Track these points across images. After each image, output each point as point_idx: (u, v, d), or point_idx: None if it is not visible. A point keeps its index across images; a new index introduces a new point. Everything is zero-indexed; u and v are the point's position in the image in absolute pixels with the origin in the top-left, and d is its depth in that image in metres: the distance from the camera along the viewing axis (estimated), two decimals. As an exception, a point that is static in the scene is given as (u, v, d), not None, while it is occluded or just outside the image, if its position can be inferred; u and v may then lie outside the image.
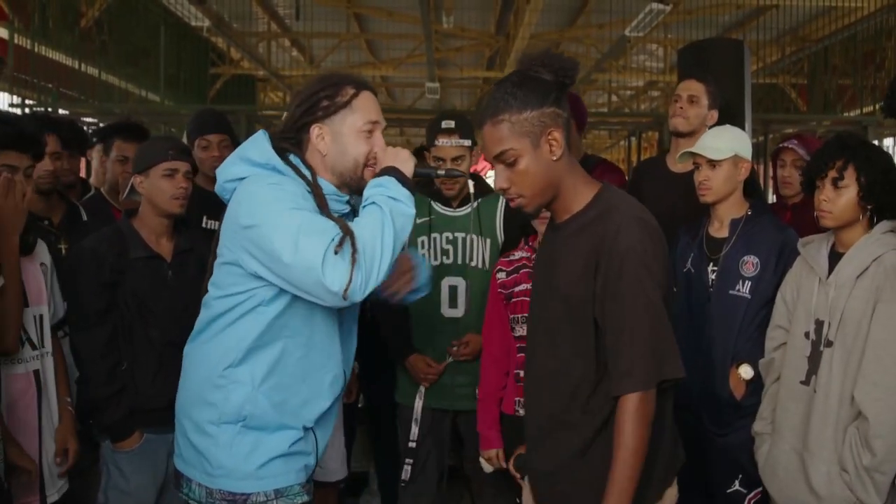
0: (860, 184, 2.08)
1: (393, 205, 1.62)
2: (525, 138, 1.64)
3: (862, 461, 2.00)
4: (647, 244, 1.62)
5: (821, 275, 2.17)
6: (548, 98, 1.64)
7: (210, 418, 1.72)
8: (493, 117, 1.65)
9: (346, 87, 1.75)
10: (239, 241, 1.65)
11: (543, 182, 1.67)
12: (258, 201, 1.62)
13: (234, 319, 1.71)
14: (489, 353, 2.53)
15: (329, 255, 1.52)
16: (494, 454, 2.51)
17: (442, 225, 2.79)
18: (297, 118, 1.75)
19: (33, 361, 2.21)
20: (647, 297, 1.59)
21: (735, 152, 2.42)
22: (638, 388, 1.58)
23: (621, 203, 1.69)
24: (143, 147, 2.51)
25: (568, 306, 1.69)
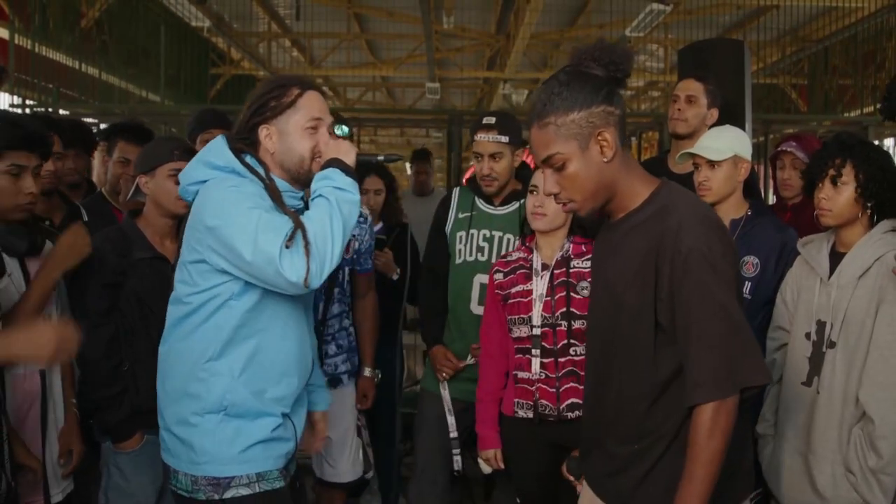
0: (858, 181, 2.09)
1: (339, 194, 1.73)
2: (573, 141, 1.57)
3: (867, 463, 2.00)
4: (713, 242, 1.53)
5: (822, 275, 2.17)
6: (597, 96, 1.56)
7: (194, 409, 1.80)
8: (539, 120, 1.59)
9: (291, 88, 1.85)
10: (205, 240, 1.74)
11: (595, 185, 1.60)
12: (220, 203, 1.73)
13: (209, 314, 1.79)
14: (488, 353, 2.53)
15: (284, 250, 1.63)
16: (493, 454, 2.50)
17: (482, 222, 2.83)
18: (248, 119, 1.86)
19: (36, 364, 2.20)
20: (715, 299, 1.51)
21: (735, 153, 2.42)
22: (710, 398, 1.50)
23: (681, 200, 1.61)
24: (149, 147, 2.51)
25: (624, 308, 1.62)
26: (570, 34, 10.45)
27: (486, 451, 2.51)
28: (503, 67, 10.55)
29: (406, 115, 10.63)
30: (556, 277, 2.36)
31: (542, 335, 2.35)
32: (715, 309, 1.50)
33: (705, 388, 1.50)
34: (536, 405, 2.35)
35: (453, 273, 2.86)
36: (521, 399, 2.40)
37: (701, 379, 1.50)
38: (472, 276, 2.79)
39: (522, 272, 2.43)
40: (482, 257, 2.80)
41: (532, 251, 2.45)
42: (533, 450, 2.42)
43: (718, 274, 1.51)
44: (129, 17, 8.97)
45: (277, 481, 1.85)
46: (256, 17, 10.36)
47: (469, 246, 2.82)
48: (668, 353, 1.57)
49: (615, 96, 1.59)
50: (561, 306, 2.33)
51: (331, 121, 1.90)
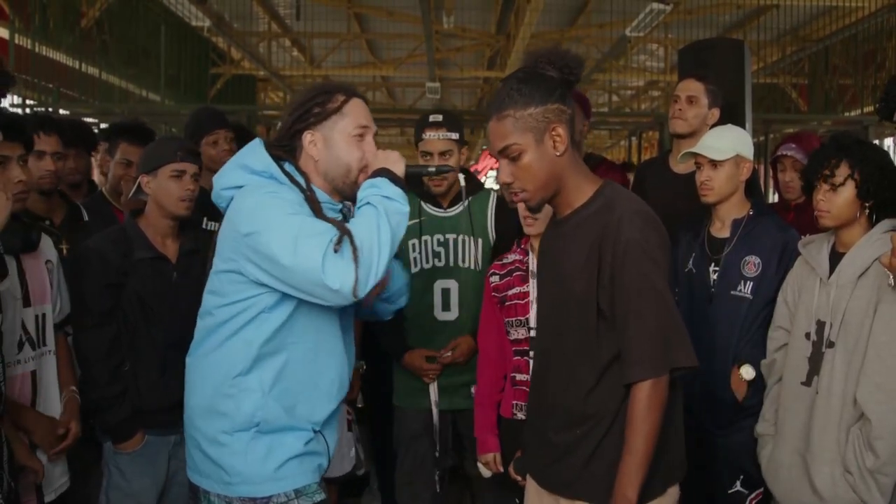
0: (856, 181, 2.09)
1: (387, 203, 1.65)
2: (529, 133, 1.68)
3: (865, 463, 2.00)
4: (650, 235, 1.66)
5: (822, 275, 2.17)
6: (552, 94, 1.68)
7: (223, 428, 1.72)
8: (497, 113, 1.70)
9: (336, 95, 1.79)
10: (239, 249, 1.67)
11: (546, 177, 1.71)
12: (257, 209, 1.65)
13: (239, 327, 1.71)
14: (485, 356, 2.52)
15: (329, 255, 1.55)
16: (492, 458, 2.49)
17: (433, 227, 2.75)
18: (290, 126, 1.80)
19: (31, 363, 2.19)
20: (652, 285, 1.64)
21: (737, 152, 2.42)
22: (648, 375, 1.62)
23: (622, 197, 1.73)
24: (152, 147, 2.51)
25: (571, 298, 1.73)
26: (570, 34, 10.44)
27: (486, 454, 2.50)
28: (503, 67, 10.54)
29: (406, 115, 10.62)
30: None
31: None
32: (651, 294, 1.64)
33: (642, 366, 1.63)
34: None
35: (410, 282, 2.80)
36: (519, 401, 2.40)
37: (638, 358, 1.63)
38: (432, 283, 2.73)
39: (519, 274, 2.43)
40: (439, 262, 2.73)
41: (528, 253, 2.44)
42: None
43: (654, 263, 1.65)
44: (129, 16, 8.97)
45: (318, 494, 1.77)
46: (256, 16, 10.36)
47: (424, 253, 2.74)
48: (608, 338, 1.69)
49: (567, 97, 1.72)
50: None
51: (376, 130, 1.84)
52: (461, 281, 2.73)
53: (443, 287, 2.73)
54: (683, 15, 9.06)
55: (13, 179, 2.10)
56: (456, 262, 2.74)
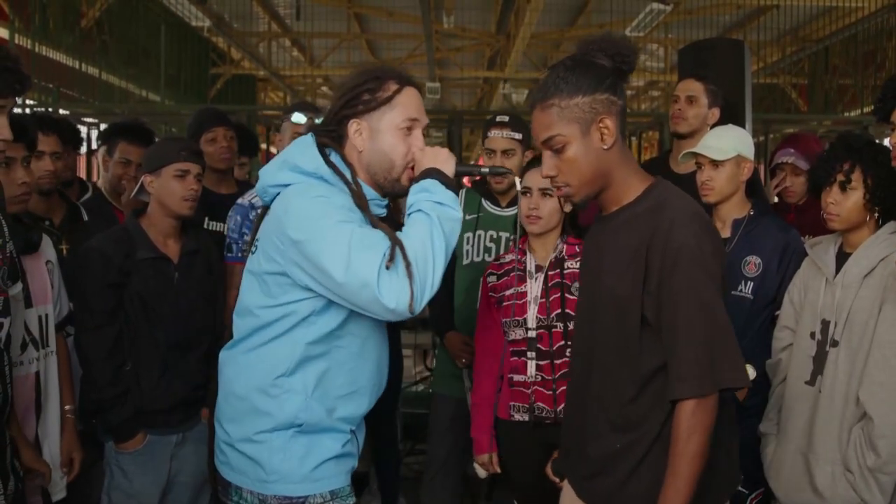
0: (867, 186, 2.08)
1: (440, 210, 1.57)
2: (574, 124, 1.57)
3: (866, 462, 2.00)
4: (704, 241, 1.54)
5: (828, 275, 2.17)
6: (602, 84, 1.57)
7: (263, 427, 1.67)
8: (542, 101, 1.59)
9: (389, 82, 1.68)
10: (287, 253, 1.59)
11: (592, 171, 1.60)
12: (307, 216, 1.57)
13: (287, 329, 1.64)
14: (482, 357, 2.51)
15: (383, 272, 1.47)
16: (488, 458, 2.49)
17: (488, 223, 2.86)
18: (338, 111, 1.69)
19: (35, 363, 2.19)
20: (701, 297, 1.51)
21: (738, 152, 2.42)
22: (692, 394, 1.50)
23: (675, 197, 1.61)
24: (155, 147, 2.51)
25: (613, 300, 1.62)
26: (570, 34, 10.45)
27: (482, 455, 2.50)
28: (503, 67, 10.55)
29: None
30: (551, 279, 2.35)
31: (537, 337, 2.34)
32: (700, 306, 1.52)
33: (687, 383, 1.51)
34: (533, 408, 2.34)
35: (461, 273, 2.87)
36: (516, 402, 2.39)
37: (684, 374, 1.51)
38: (479, 277, 2.78)
39: (516, 274, 2.42)
40: (489, 258, 2.82)
41: (526, 253, 2.44)
42: (529, 452, 2.41)
43: (707, 272, 1.52)
44: (129, 17, 8.97)
45: (350, 498, 1.73)
46: (256, 16, 10.36)
47: (476, 247, 2.85)
48: (651, 349, 1.58)
49: (618, 87, 1.60)
50: (556, 308, 2.32)
51: (426, 122, 1.75)
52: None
53: None
54: (683, 15, 9.07)
55: (17, 181, 2.11)
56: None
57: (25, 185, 2.13)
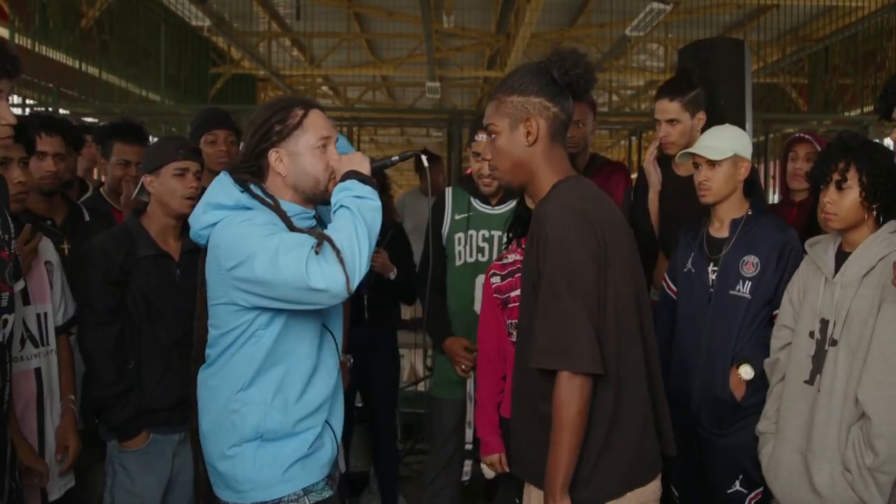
0: (863, 184, 2.08)
1: (359, 203, 1.74)
2: (506, 118, 1.78)
3: (865, 461, 2.00)
4: (568, 231, 1.67)
5: (827, 274, 2.17)
6: (541, 90, 1.76)
7: (231, 441, 1.79)
8: (493, 94, 1.83)
9: (294, 109, 1.83)
10: (227, 282, 1.74)
11: (512, 162, 1.80)
12: (236, 241, 1.71)
13: (238, 349, 1.79)
14: (485, 357, 2.52)
15: (311, 261, 1.62)
16: (497, 458, 2.49)
17: (480, 222, 2.84)
18: (254, 147, 1.83)
19: (34, 360, 2.21)
20: (554, 284, 1.66)
21: (735, 152, 2.42)
22: (538, 364, 1.66)
23: (565, 191, 1.76)
24: (154, 147, 2.52)
25: (525, 291, 1.82)
26: (570, 34, 10.45)
27: (491, 455, 2.50)
28: (503, 67, 10.54)
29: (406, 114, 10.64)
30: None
31: (540, 338, 2.35)
32: (552, 294, 1.67)
33: (538, 355, 1.67)
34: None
35: (453, 275, 2.85)
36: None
37: (536, 347, 1.68)
38: (473, 277, 2.80)
39: (520, 275, 2.42)
40: (483, 258, 2.80)
41: None
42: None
43: (567, 261, 1.66)
44: (130, 16, 8.97)
45: (325, 491, 1.86)
46: (256, 16, 10.36)
47: (469, 247, 2.82)
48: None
49: (558, 97, 1.77)
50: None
51: (336, 137, 1.89)
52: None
53: (482, 282, 2.76)
54: (683, 15, 9.07)
55: (13, 180, 2.13)
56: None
57: (22, 184, 2.16)
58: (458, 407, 2.85)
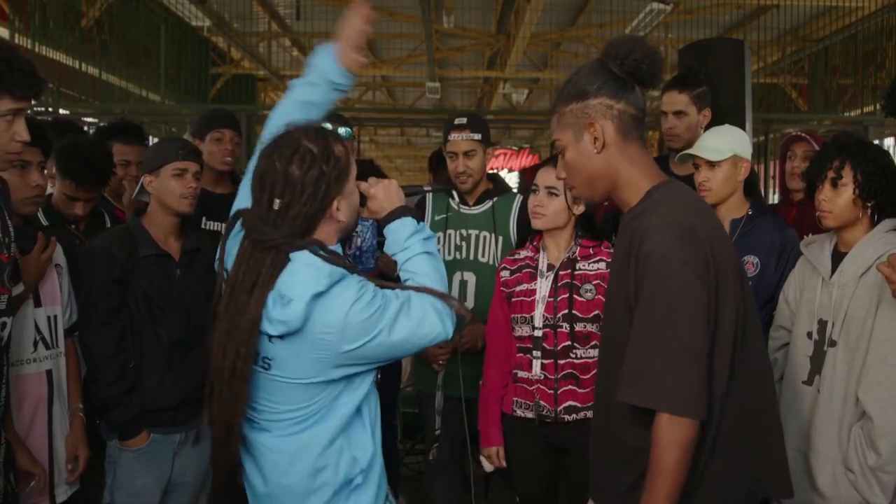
0: (857, 181, 2.09)
1: (430, 244, 1.72)
2: (568, 130, 1.64)
3: (867, 461, 2.00)
4: (674, 250, 1.48)
5: (824, 275, 2.17)
6: (599, 89, 1.60)
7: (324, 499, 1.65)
8: (553, 108, 1.69)
9: (335, 146, 1.64)
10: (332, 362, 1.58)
11: (586, 174, 1.64)
12: (354, 324, 1.55)
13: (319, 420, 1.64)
14: (492, 350, 2.53)
15: (443, 317, 1.62)
16: (495, 452, 2.50)
17: (458, 222, 2.89)
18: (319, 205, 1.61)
19: (46, 361, 2.22)
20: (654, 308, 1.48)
21: (734, 152, 2.42)
22: (631, 400, 1.49)
23: (664, 202, 1.57)
24: (154, 147, 2.55)
25: (611, 305, 1.67)
26: (570, 34, 10.45)
27: (489, 448, 2.51)
28: (503, 67, 10.54)
29: (406, 114, 10.63)
30: (561, 279, 2.36)
31: (543, 336, 2.35)
32: (651, 319, 1.48)
33: (631, 389, 1.49)
34: (536, 405, 2.35)
35: None
36: (520, 398, 2.40)
37: (628, 379, 1.50)
38: (451, 275, 2.84)
39: (528, 271, 2.44)
40: (460, 255, 2.85)
41: (539, 251, 2.45)
42: (533, 449, 2.42)
43: (672, 283, 1.47)
44: (130, 17, 8.96)
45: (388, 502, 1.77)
46: (256, 16, 10.35)
47: (447, 246, 2.87)
48: None
49: (621, 91, 1.60)
50: (563, 308, 2.33)
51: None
52: (479, 274, 2.85)
53: (461, 279, 2.85)
54: (683, 15, 9.06)
55: (31, 183, 2.18)
56: (476, 256, 2.86)
57: (39, 187, 2.21)
58: (449, 402, 2.87)
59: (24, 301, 2.14)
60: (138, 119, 5.11)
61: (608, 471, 1.68)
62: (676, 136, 2.88)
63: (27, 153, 2.14)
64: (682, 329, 1.46)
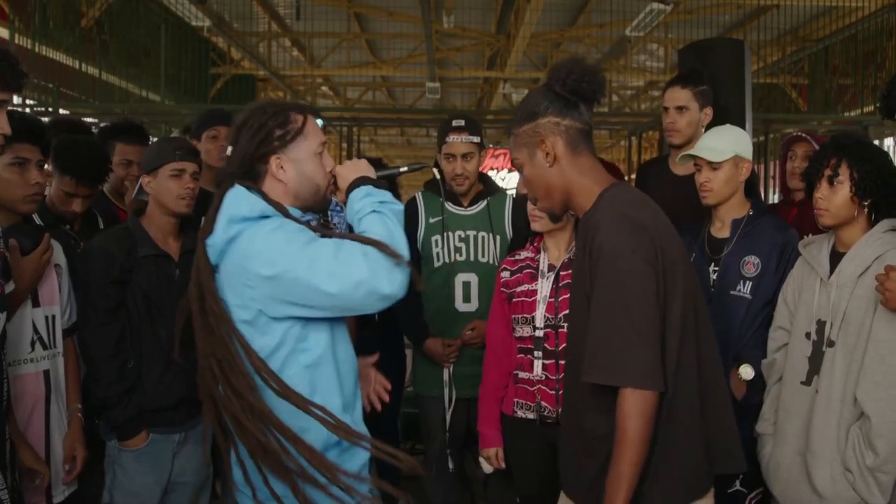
0: (853, 179, 2.10)
1: (386, 207, 1.72)
2: (523, 149, 1.78)
3: (865, 461, 2.00)
4: (623, 241, 1.60)
5: (822, 275, 2.17)
6: (546, 109, 1.74)
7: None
8: (511, 132, 1.83)
9: (293, 115, 1.77)
10: (262, 292, 1.63)
11: (544, 187, 1.78)
12: (272, 249, 1.62)
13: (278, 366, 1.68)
14: (492, 350, 2.53)
15: (372, 266, 1.59)
16: (494, 453, 2.50)
17: (455, 223, 2.90)
18: (253, 151, 1.73)
19: (44, 361, 2.22)
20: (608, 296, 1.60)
21: (735, 153, 2.42)
22: (593, 379, 1.60)
23: (613, 199, 1.71)
24: (152, 148, 2.56)
25: (574, 301, 1.79)
26: (570, 34, 10.45)
27: (488, 449, 2.51)
28: (503, 67, 10.54)
29: (406, 114, 10.64)
30: (562, 279, 2.37)
31: (544, 336, 2.35)
32: (607, 305, 1.61)
33: (594, 370, 1.61)
34: (538, 406, 2.35)
35: (433, 276, 2.90)
36: (521, 399, 2.40)
37: (590, 361, 1.61)
38: (453, 277, 2.87)
39: (529, 272, 2.44)
40: (460, 257, 2.88)
41: (540, 252, 2.45)
42: (533, 450, 2.42)
43: (623, 271, 1.59)
44: (130, 16, 8.96)
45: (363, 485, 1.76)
46: (256, 16, 10.35)
47: (446, 248, 2.89)
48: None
49: (566, 109, 1.74)
50: (564, 308, 2.33)
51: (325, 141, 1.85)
52: (480, 274, 2.88)
53: (463, 280, 2.87)
54: (683, 15, 9.06)
55: (30, 181, 2.17)
56: (476, 256, 2.89)
57: (38, 185, 2.20)
58: (443, 403, 2.90)
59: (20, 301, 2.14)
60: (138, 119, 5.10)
61: (574, 461, 1.78)
62: (677, 132, 2.88)
63: (26, 151, 2.14)
64: (635, 310, 1.58)
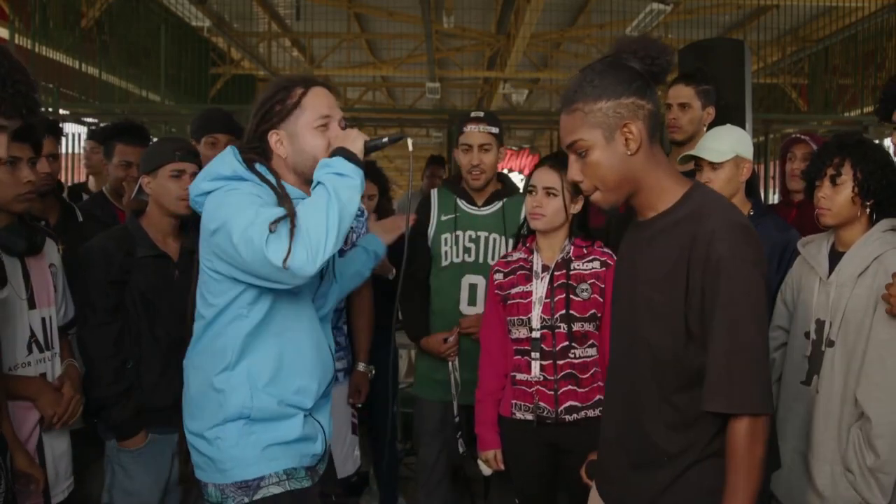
0: (856, 179, 2.09)
1: (337, 180, 1.66)
2: (597, 129, 1.54)
3: (866, 462, 2.00)
4: (745, 252, 1.47)
5: (821, 274, 2.17)
6: (629, 87, 1.53)
7: (213, 421, 1.77)
8: (568, 105, 1.58)
9: (294, 89, 1.80)
10: (210, 247, 1.73)
11: (616, 177, 1.56)
12: (219, 205, 1.70)
13: (223, 327, 1.76)
14: (487, 353, 2.52)
15: (269, 235, 1.58)
16: (492, 455, 2.49)
17: (466, 223, 2.86)
18: (256, 128, 1.82)
19: (41, 364, 2.21)
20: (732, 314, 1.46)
21: (736, 153, 2.42)
22: (718, 409, 1.47)
23: (715, 205, 1.55)
24: (151, 148, 2.56)
25: (650, 309, 1.57)
26: (570, 34, 10.44)
27: (486, 451, 2.50)
28: (503, 67, 10.54)
29: (406, 114, 10.63)
30: (556, 279, 2.36)
31: (541, 337, 2.35)
32: (730, 324, 1.47)
33: (717, 398, 1.47)
34: (536, 408, 2.35)
35: (440, 275, 2.88)
36: (518, 401, 2.40)
37: (713, 388, 1.48)
38: (460, 278, 2.83)
39: (522, 273, 2.43)
40: (469, 258, 2.83)
41: (533, 252, 2.44)
42: (532, 451, 2.41)
43: (745, 285, 1.46)
44: (130, 17, 8.96)
45: (305, 480, 1.82)
46: (256, 16, 10.35)
47: (456, 248, 2.84)
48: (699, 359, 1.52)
49: (648, 90, 1.56)
50: (560, 308, 2.32)
51: (341, 116, 1.84)
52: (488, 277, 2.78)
53: (470, 282, 2.83)
54: (683, 15, 9.06)
55: (22, 180, 2.14)
56: (485, 258, 2.84)
57: (31, 184, 2.17)
58: (439, 408, 2.88)
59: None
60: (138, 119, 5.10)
61: (633, 470, 1.63)
62: (679, 128, 2.89)
63: (16, 150, 2.11)
64: (754, 330, 1.47)
